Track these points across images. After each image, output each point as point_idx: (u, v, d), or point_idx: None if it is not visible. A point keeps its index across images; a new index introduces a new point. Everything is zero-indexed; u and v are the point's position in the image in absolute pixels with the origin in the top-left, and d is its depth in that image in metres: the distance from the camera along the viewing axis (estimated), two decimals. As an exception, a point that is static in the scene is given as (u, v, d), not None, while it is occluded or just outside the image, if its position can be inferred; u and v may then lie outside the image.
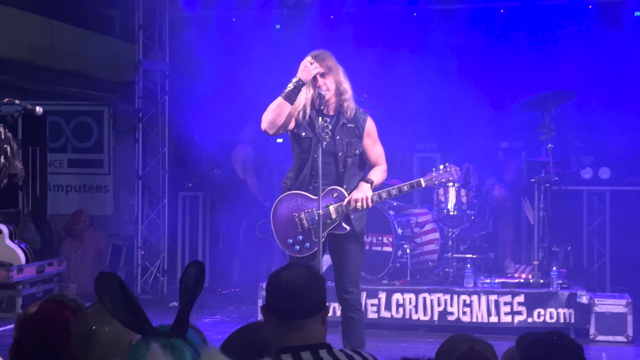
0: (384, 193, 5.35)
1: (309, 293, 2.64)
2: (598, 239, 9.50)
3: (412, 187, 5.46)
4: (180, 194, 10.33)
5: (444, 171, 5.50)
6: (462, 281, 7.77)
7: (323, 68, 5.21)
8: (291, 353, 2.54)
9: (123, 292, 2.01)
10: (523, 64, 9.64)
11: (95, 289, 2.04)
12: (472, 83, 9.70)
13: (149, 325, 1.97)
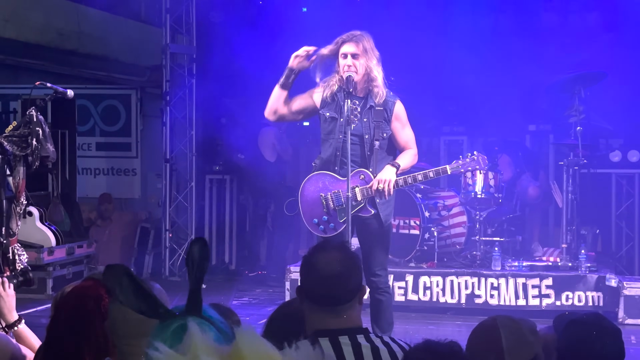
0: (410, 178, 5.34)
1: (346, 279, 2.64)
2: (627, 222, 9.44)
3: (437, 174, 5.46)
4: (207, 177, 10.38)
5: (470, 159, 5.48)
6: (489, 264, 7.76)
7: (357, 49, 5.18)
8: (329, 337, 2.55)
9: (132, 281, 2.00)
10: (552, 45, 9.57)
11: (105, 282, 2.05)
12: (500, 65, 9.65)
13: (163, 308, 1.95)
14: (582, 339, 2.71)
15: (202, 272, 2.06)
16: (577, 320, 2.79)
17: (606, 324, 2.76)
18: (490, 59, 9.66)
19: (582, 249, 7.61)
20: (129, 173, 11.18)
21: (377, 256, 5.29)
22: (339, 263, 2.63)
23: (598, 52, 9.72)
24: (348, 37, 5.30)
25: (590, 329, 2.72)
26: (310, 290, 2.64)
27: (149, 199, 11.03)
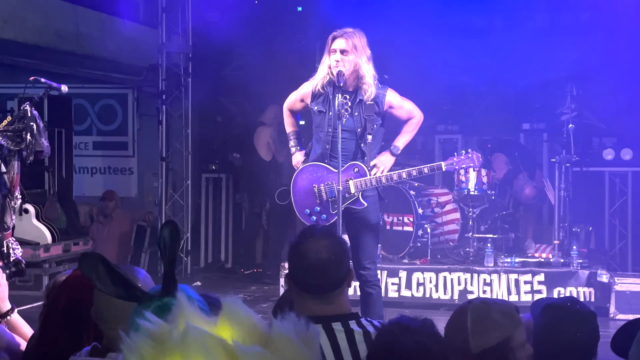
0: (404, 173, 5.42)
1: (336, 266, 2.67)
2: (620, 220, 9.48)
3: (432, 170, 5.54)
4: (203, 175, 10.44)
5: (465, 157, 5.55)
6: (482, 260, 7.82)
7: (347, 45, 5.26)
8: (322, 324, 2.59)
9: (107, 268, 2.05)
10: (545, 44, 9.62)
11: (81, 271, 2.10)
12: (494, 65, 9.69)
13: (140, 291, 2.02)
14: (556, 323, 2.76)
15: (173, 254, 2.11)
16: (552, 305, 2.84)
17: (580, 308, 2.82)
18: (484, 58, 9.71)
19: (574, 245, 7.67)
20: (126, 172, 11.24)
21: (367, 249, 5.35)
22: (328, 250, 2.66)
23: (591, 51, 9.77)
24: (339, 33, 5.38)
25: (565, 312, 2.77)
26: (300, 278, 2.68)
27: (146, 198, 11.08)
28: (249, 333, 1.30)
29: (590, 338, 2.73)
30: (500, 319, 2.64)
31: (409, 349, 2.14)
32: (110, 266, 2.03)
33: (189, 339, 1.23)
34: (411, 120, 5.53)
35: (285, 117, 5.83)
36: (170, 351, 1.25)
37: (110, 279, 2.02)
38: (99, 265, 2.03)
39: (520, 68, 9.70)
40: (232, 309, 1.33)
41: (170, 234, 2.12)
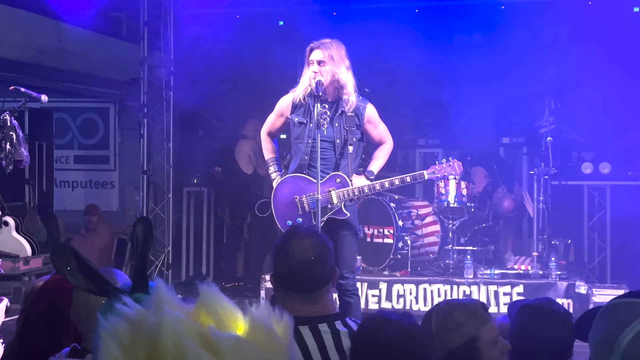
0: (387, 182, 5.46)
1: (322, 265, 2.70)
2: (599, 233, 9.56)
3: (414, 179, 5.59)
4: (184, 189, 10.44)
5: (447, 165, 5.61)
6: (462, 272, 7.86)
7: (324, 56, 5.30)
8: (309, 325, 2.61)
9: (78, 261, 2.07)
10: (525, 59, 9.73)
11: (53, 264, 2.11)
12: (474, 79, 9.79)
13: (111, 286, 2.04)
14: (533, 323, 2.80)
15: (146, 250, 2.13)
16: (528, 305, 2.88)
17: (556, 308, 2.86)
18: (465, 73, 9.81)
19: (553, 257, 7.73)
20: (107, 186, 11.23)
21: (347, 259, 5.38)
22: (313, 249, 2.69)
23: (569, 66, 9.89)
24: (316, 44, 5.43)
25: (541, 313, 2.81)
26: (286, 277, 2.70)
27: (127, 212, 11.08)
28: (224, 320, 1.31)
29: (566, 337, 2.77)
30: (463, 319, 2.67)
31: (394, 337, 2.17)
32: (82, 260, 2.05)
33: (166, 324, 1.25)
34: (383, 146, 5.58)
35: (263, 143, 5.81)
36: (147, 335, 1.26)
37: (82, 272, 2.04)
38: (71, 259, 2.05)
39: (500, 83, 9.81)
40: (208, 296, 1.34)
41: (143, 230, 2.14)
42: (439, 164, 5.59)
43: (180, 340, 1.23)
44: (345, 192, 5.35)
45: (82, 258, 2.03)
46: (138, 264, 2.09)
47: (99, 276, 2.05)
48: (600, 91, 9.62)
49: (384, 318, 2.27)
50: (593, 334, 1.53)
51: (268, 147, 5.76)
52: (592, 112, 9.50)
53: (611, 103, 9.57)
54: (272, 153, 5.76)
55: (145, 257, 2.13)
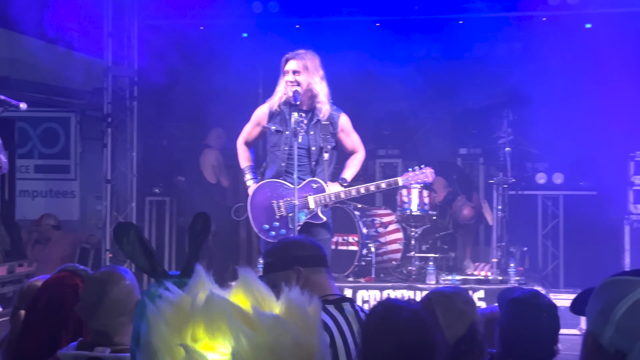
0: (363, 188, 5.67)
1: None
2: (552, 242, 9.90)
3: (389, 185, 5.80)
4: (147, 198, 10.50)
5: (420, 172, 5.84)
6: (424, 278, 8.08)
7: (298, 66, 5.49)
8: (334, 304, 2.83)
9: (138, 237, 2.19)
10: (481, 72, 10.02)
11: (114, 235, 2.24)
12: (432, 92, 10.06)
13: (161, 268, 2.12)
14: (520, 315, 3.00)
15: (201, 242, 2.26)
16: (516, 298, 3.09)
17: (542, 301, 3.07)
18: (423, 86, 10.08)
19: (512, 263, 8.00)
20: (68, 195, 11.23)
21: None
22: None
23: (523, 80, 10.22)
24: (291, 55, 5.63)
25: (528, 305, 3.02)
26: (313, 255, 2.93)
27: (89, 221, 11.09)
28: (261, 301, 1.42)
29: (551, 327, 2.98)
30: (463, 307, 2.88)
31: (405, 318, 2.35)
32: (142, 238, 2.16)
33: (213, 305, 1.35)
34: (356, 155, 5.80)
35: (240, 152, 5.96)
36: (194, 317, 1.36)
37: (140, 247, 2.12)
38: (132, 232, 2.16)
39: (458, 95, 10.09)
40: (247, 280, 1.45)
41: (202, 224, 2.28)
42: (412, 171, 5.82)
43: (225, 319, 1.34)
44: (322, 198, 5.53)
45: (142, 236, 2.12)
46: (192, 253, 2.16)
47: (153, 256, 2.12)
48: (553, 104, 9.97)
49: (393, 303, 2.46)
50: (590, 307, 1.72)
51: (244, 156, 5.92)
52: (545, 124, 9.83)
53: (564, 116, 9.91)
54: (248, 161, 5.92)
55: (200, 247, 2.26)
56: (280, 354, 1.34)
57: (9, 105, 5.69)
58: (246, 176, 5.88)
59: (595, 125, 9.51)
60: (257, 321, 1.35)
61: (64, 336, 3.30)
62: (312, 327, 1.43)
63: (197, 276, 1.49)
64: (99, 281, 3.05)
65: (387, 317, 2.38)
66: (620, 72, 8.74)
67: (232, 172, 10.15)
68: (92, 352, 2.94)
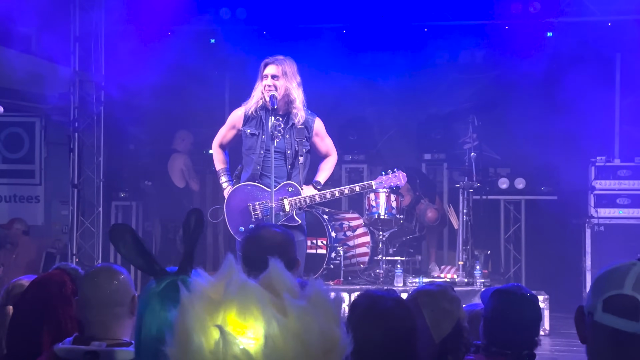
0: (337, 192, 5.79)
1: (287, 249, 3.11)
2: (514, 245, 10.11)
3: (363, 188, 5.95)
4: (113, 203, 10.50)
5: (392, 176, 5.97)
6: (392, 281, 8.22)
7: (277, 71, 5.59)
8: None
9: (134, 238, 2.25)
10: (445, 79, 10.22)
11: (110, 238, 2.30)
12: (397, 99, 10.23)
13: (158, 266, 2.16)
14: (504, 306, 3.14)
15: (196, 238, 2.33)
16: (501, 290, 3.23)
17: (525, 292, 3.21)
18: (388, 93, 10.24)
19: (477, 266, 8.18)
20: (32, 200, 11.17)
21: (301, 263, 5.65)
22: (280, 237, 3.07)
23: (485, 87, 10.46)
24: (270, 60, 5.72)
25: (511, 296, 3.15)
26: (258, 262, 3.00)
27: (53, 226, 11.04)
28: (288, 290, 1.47)
29: (533, 317, 3.12)
30: (449, 306, 2.99)
31: (389, 306, 2.46)
32: (137, 239, 2.23)
33: (247, 291, 1.42)
34: (329, 159, 5.93)
35: (215, 154, 6.04)
36: (226, 302, 1.41)
37: (135, 248, 2.17)
38: (127, 235, 2.23)
39: (421, 102, 10.28)
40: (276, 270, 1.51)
41: (196, 221, 2.34)
42: (385, 175, 5.95)
43: (258, 304, 1.40)
44: (297, 200, 5.63)
45: (137, 237, 2.17)
46: (187, 250, 2.22)
47: (150, 255, 2.18)
48: (514, 111, 10.20)
49: (374, 294, 2.58)
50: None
51: (219, 158, 5.99)
52: (507, 131, 10.06)
53: (525, 122, 10.13)
54: (223, 164, 6.00)
55: (195, 243, 2.33)
56: (309, 340, 1.40)
57: (-16, 109, 5.70)
58: (221, 178, 5.96)
59: (557, 131, 9.76)
60: (287, 308, 1.41)
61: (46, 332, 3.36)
62: (336, 318, 1.48)
63: (228, 264, 1.53)
64: (95, 275, 3.12)
65: (371, 307, 2.49)
66: (581, 79, 8.97)
67: (200, 176, 10.22)
68: (88, 347, 3.00)
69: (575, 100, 9.41)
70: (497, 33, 9.73)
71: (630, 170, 8.78)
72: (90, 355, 2.97)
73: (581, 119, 9.39)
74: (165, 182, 9.85)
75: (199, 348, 1.38)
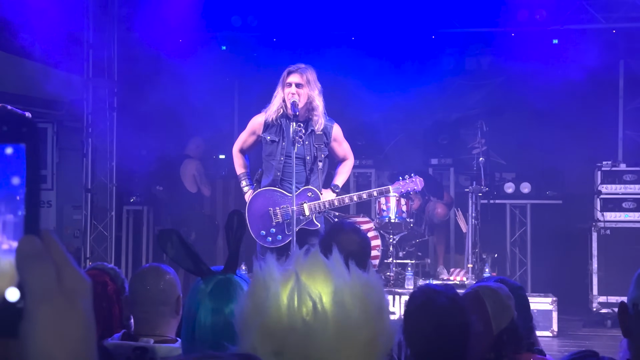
0: (355, 196, 5.96)
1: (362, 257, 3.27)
2: (520, 249, 10.27)
3: (381, 193, 6.12)
4: (124, 207, 10.66)
5: (410, 181, 6.13)
6: (402, 283, 8.38)
7: (302, 80, 5.75)
8: None
9: (182, 242, 2.40)
10: (451, 86, 10.39)
11: (159, 242, 2.45)
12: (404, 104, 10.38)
13: (205, 266, 2.29)
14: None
15: (239, 238, 2.48)
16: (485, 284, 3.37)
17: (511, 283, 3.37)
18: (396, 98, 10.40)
19: (487, 269, 8.34)
20: (44, 204, 11.32)
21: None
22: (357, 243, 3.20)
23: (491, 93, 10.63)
24: (294, 68, 5.88)
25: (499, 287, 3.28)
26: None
27: (65, 230, 11.19)
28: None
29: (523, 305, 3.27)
30: (507, 301, 3.15)
31: (443, 304, 2.63)
32: (185, 241, 2.36)
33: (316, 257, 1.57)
34: (346, 162, 6.11)
35: (235, 159, 6.19)
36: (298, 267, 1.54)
37: (183, 250, 2.30)
38: (174, 237, 2.37)
39: (429, 107, 10.45)
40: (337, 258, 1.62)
41: (238, 221, 2.50)
42: (402, 180, 6.11)
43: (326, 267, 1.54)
44: (316, 205, 5.79)
45: (184, 240, 2.30)
46: (232, 250, 2.37)
47: (196, 256, 2.31)
48: (520, 116, 10.39)
49: (432, 289, 2.74)
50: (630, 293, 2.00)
51: (240, 163, 6.15)
52: (513, 136, 10.24)
53: (530, 127, 10.32)
54: (244, 168, 6.16)
55: (239, 243, 2.48)
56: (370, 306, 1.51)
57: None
58: (242, 182, 6.11)
59: (562, 136, 9.94)
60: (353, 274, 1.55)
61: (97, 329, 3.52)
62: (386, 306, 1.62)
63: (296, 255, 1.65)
64: (144, 275, 3.29)
65: (427, 302, 2.66)
66: (586, 85, 9.15)
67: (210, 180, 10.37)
68: (137, 342, 3.17)
69: (581, 106, 9.60)
70: (504, 40, 9.89)
71: (636, 174, 8.95)
72: (139, 351, 3.14)
73: (587, 124, 9.58)
74: (177, 187, 10.01)
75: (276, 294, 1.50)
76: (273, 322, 1.50)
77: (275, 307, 1.51)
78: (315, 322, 1.48)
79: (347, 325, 1.49)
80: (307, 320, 1.48)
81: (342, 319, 1.49)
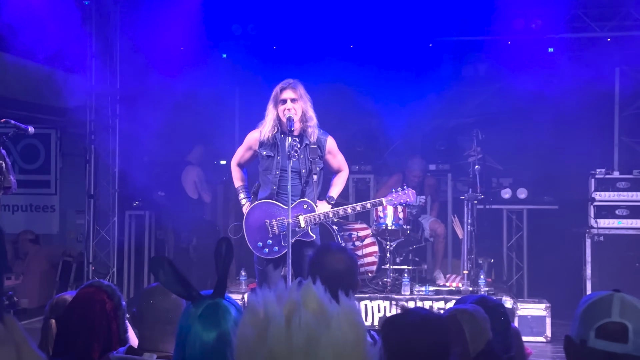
0: (349, 208, 6.10)
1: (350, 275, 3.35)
2: (516, 254, 10.42)
3: (374, 205, 6.26)
4: (127, 212, 10.81)
5: (402, 193, 6.27)
6: (399, 289, 8.52)
7: (295, 95, 5.90)
8: None
9: (172, 268, 2.43)
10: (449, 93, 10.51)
11: (150, 268, 2.58)
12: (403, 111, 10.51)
13: (195, 292, 2.37)
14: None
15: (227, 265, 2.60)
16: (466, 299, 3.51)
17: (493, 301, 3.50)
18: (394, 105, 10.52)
19: (482, 275, 8.49)
20: (48, 209, 11.49)
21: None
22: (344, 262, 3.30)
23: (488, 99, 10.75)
24: (285, 84, 6.02)
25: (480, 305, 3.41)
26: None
27: (68, 235, 11.36)
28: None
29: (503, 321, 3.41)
30: (484, 324, 3.28)
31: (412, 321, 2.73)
32: (175, 268, 2.45)
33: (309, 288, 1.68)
34: (341, 174, 6.26)
35: (233, 172, 6.37)
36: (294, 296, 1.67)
37: (174, 277, 2.39)
38: (165, 264, 2.50)
39: (426, 113, 10.58)
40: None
41: (226, 248, 2.64)
42: (395, 192, 6.25)
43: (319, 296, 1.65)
44: (311, 217, 5.94)
45: (174, 266, 2.39)
46: (220, 275, 2.46)
47: (187, 282, 2.40)
48: (516, 123, 10.51)
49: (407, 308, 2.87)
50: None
51: (237, 176, 6.31)
52: (510, 142, 10.36)
53: (526, 134, 10.44)
54: (241, 181, 6.31)
55: (227, 269, 2.62)
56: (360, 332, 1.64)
57: (18, 129, 6.03)
58: (240, 195, 6.27)
59: (558, 143, 10.06)
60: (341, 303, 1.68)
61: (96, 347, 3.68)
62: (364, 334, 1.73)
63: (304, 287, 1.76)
64: (151, 294, 3.44)
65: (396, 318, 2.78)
66: (581, 93, 9.26)
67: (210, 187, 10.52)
68: (141, 357, 3.32)
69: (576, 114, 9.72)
70: (500, 48, 10.01)
71: (629, 182, 9.08)
72: (143, 365, 3.30)
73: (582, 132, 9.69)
74: (178, 193, 10.17)
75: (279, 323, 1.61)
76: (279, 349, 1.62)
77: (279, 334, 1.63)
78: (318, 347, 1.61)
79: (344, 349, 1.62)
80: (310, 346, 1.60)
81: (340, 343, 1.62)
